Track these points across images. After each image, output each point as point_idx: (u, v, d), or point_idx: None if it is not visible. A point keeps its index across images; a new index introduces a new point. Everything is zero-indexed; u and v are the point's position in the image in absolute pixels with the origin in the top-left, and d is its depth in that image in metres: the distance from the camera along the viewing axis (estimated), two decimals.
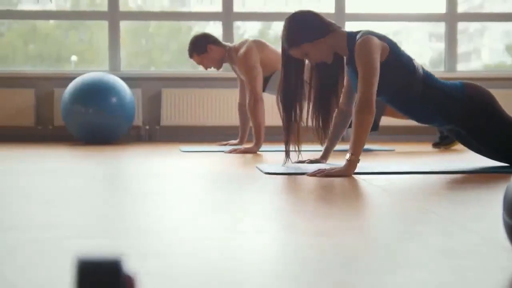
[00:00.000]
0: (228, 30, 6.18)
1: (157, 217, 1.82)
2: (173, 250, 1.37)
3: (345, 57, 3.06)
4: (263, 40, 4.71)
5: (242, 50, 4.59)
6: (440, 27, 6.56)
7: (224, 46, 4.75)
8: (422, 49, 8.03)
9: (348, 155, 2.78)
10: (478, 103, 3.00)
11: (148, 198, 2.21)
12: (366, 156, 4.13)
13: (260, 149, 4.41)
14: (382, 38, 2.94)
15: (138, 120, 5.99)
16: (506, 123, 3.00)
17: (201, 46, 4.73)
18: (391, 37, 3.02)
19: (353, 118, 2.84)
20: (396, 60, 2.94)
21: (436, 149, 4.75)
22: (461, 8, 7.93)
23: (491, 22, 7.31)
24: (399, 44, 3.02)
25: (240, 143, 4.97)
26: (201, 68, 4.93)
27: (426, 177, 2.79)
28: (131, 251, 1.34)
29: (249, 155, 4.18)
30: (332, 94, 3.16)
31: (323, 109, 3.16)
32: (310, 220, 1.75)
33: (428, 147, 4.91)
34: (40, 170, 3.18)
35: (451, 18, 6.32)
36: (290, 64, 3.08)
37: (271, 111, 5.26)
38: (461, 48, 9.23)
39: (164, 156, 4.11)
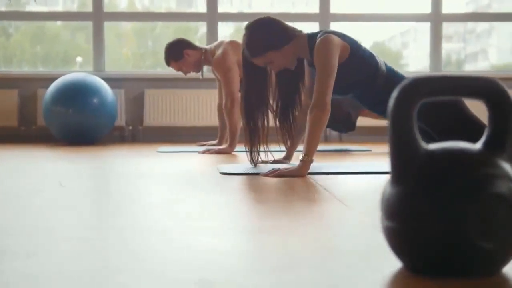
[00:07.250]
0: (212, 30, 6.19)
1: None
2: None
3: (306, 59, 3.06)
4: (239, 41, 4.69)
5: (218, 52, 4.59)
6: (450, 28, 6.50)
7: (200, 49, 4.74)
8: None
9: (301, 156, 2.78)
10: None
11: (90, 199, 2.22)
12: (340, 156, 4.14)
13: (236, 150, 4.41)
14: (342, 36, 2.95)
15: (121, 121, 6.01)
16: (469, 121, 2.93)
17: (178, 53, 4.69)
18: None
19: (307, 117, 2.85)
20: (358, 58, 2.95)
21: None
22: (469, 8, 7.85)
23: (477, 22, 7.30)
24: (359, 42, 3.01)
25: (219, 143, 4.96)
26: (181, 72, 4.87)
27: (377, 177, 2.78)
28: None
29: (223, 156, 4.18)
30: (295, 98, 3.18)
31: (288, 114, 3.18)
32: (232, 220, 1.76)
33: None
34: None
35: (436, 18, 6.31)
36: (252, 72, 3.07)
37: None
38: (469, 48, 9.12)
39: (139, 157, 4.10)
